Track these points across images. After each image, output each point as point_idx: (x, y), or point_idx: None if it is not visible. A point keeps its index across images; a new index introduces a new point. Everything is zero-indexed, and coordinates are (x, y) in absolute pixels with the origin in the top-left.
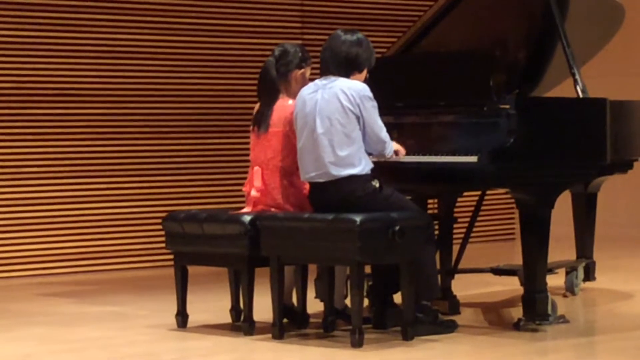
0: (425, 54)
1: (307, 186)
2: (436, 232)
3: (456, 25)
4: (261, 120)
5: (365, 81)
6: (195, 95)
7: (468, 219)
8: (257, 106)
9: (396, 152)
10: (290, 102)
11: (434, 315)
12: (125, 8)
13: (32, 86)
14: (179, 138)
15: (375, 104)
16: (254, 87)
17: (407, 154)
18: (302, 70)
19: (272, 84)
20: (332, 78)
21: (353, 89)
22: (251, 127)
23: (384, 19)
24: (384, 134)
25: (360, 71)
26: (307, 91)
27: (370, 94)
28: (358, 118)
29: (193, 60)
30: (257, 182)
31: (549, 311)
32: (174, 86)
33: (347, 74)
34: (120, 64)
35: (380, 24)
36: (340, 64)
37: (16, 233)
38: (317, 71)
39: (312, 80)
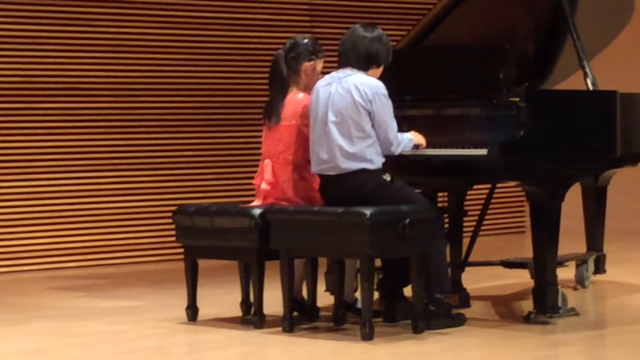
0: (435, 47)
1: (318, 180)
2: (446, 226)
3: (466, 18)
4: (271, 113)
5: (380, 76)
6: (204, 89)
7: (478, 212)
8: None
9: (417, 146)
10: (301, 95)
11: (447, 308)
12: (135, 2)
13: (42, 80)
14: (189, 132)
15: (389, 102)
16: (263, 81)
17: None
18: (312, 62)
19: (281, 77)
20: (349, 71)
21: (367, 85)
22: (263, 120)
23: (393, 12)
24: (392, 134)
25: (379, 66)
26: (322, 83)
27: (385, 92)
28: (370, 114)
29: (202, 54)
30: (268, 175)
31: (560, 304)
32: (183, 80)
33: (366, 68)
34: (130, 58)
35: (389, 17)
36: (361, 58)
37: (26, 227)
38: (330, 64)
39: (324, 73)
